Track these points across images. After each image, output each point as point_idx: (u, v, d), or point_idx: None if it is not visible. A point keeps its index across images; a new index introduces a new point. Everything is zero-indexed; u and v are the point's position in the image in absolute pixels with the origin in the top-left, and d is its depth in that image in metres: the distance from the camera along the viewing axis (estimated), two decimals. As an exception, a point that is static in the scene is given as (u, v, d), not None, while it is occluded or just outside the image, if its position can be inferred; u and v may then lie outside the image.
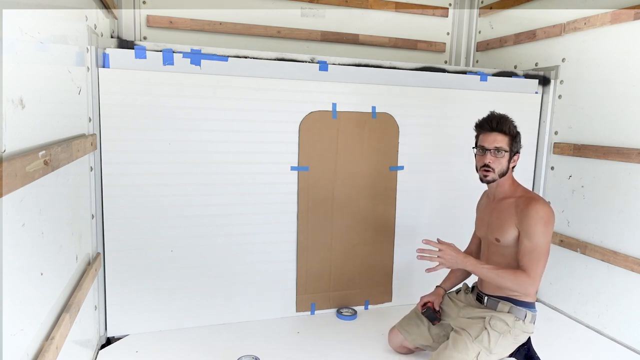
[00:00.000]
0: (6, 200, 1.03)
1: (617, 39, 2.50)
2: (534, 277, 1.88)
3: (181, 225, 2.38)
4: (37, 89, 1.30)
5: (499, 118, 1.99)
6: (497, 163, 1.98)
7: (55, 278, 1.51)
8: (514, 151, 2.01)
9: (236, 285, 2.53)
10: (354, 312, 2.72)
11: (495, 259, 2.06)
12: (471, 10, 3.63)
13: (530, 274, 1.87)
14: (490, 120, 2.00)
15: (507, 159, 1.99)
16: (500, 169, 1.98)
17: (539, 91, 2.98)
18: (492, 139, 1.97)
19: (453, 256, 1.92)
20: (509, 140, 1.98)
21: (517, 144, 2.02)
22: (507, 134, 1.97)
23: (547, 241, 1.91)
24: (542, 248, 1.89)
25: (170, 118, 2.28)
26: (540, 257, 1.89)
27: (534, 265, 1.88)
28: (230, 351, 2.21)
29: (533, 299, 2.03)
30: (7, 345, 1.06)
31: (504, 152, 1.97)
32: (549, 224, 1.91)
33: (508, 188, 2.05)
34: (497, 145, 1.97)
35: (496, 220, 2.05)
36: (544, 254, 1.90)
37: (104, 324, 2.32)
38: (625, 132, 2.46)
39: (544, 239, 1.89)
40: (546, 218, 1.91)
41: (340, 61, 2.58)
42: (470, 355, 1.91)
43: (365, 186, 2.69)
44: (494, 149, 1.97)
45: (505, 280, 1.91)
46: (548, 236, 1.91)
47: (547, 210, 1.92)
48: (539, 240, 1.89)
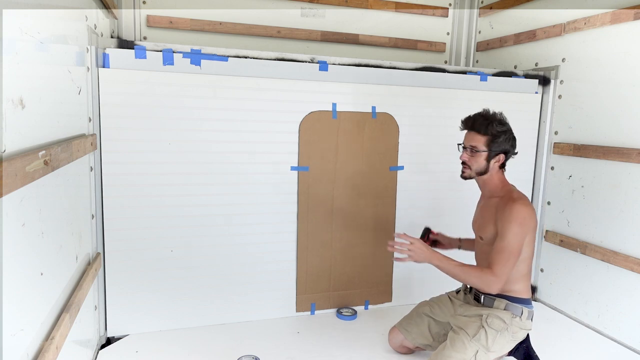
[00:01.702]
0: (6, 200, 1.03)
1: (617, 39, 2.50)
2: (499, 275, 1.88)
3: (181, 225, 2.38)
4: (37, 88, 1.31)
5: (478, 118, 2.02)
6: (472, 161, 2.02)
7: (55, 278, 1.51)
8: (495, 151, 1.99)
9: (236, 285, 2.53)
10: (354, 312, 2.72)
11: (479, 257, 2.12)
12: (471, 10, 3.63)
13: (496, 272, 1.88)
14: (469, 119, 2.05)
15: (485, 158, 2.00)
16: (477, 167, 2.01)
17: (539, 91, 2.98)
18: (470, 138, 2.03)
19: (422, 250, 1.95)
20: (487, 140, 1.98)
21: (501, 144, 1.99)
22: (484, 134, 1.98)
23: (519, 241, 1.91)
24: (512, 248, 1.89)
25: (170, 118, 2.28)
26: (509, 257, 1.89)
27: (502, 264, 1.88)
28: (230, 351, 2.22)
29: (527, 295, 2.04)
30: (7, 345, 1.06)
31: (480, 151, 1.99)
32: (524, 225, 1.91)
33: (495, 187, 2.07)
34: (472, 144, 2.01)
35: (481, 218, 2.11)
36: (514, 254, 1.90)
37: (104, 324, 2.32)
38: (625, 132, 2.46)
39: (515, 239, 1.89)
40: (521, 219, 1.91)
41: (340, 61, 2.58)
42: (468, 354, 1.91)
43: (365, 186, 2.69)
44: (469, 147, 2.02)
45: (471, 276, 1.92)
46: (521, 236, 1.91)
47: (525, 211, 1.92)
48: (510, 240, 1.89)
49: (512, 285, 2.01)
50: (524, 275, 2.03)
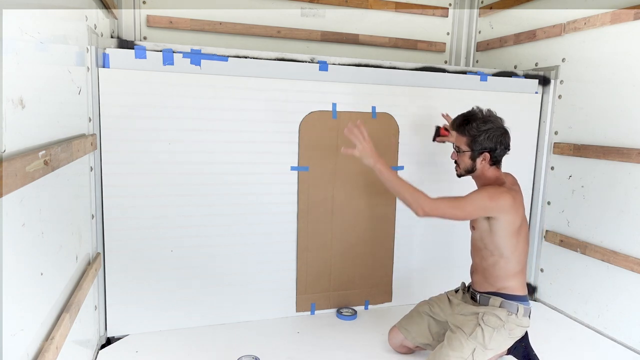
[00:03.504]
0: (6, 200, 1.03)
1: (617, 39, 2.50)
2: (433, 204, 1.90)
3: (181, 225, 2.38)
4: (37, 89, 1.31)
5: (458, 118, 2.10)
6: (460, 160, 2.10)
7: (55, 278, 1.51)
8: (478, 150, 2.02)
9: (236, 285, 2.53)
10: (354, 312, 2.72)
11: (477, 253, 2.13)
12: (471, 10, 3.63)
13: (433, 201, 1.90)
14: (454, 119, 2.13)
15: (469, 157, 2.05)
16: (464, 166, 2.08)
17: (539, 91, 2.98)
18: (455, 138, 2.10)
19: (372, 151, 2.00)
20: (468, 140, 2.03)
21: (482, 142, 2.01)
22: (464, 135, 2.04)
23: (476, 205, 1.94)
24: (465, 201, 1.92)
25: (170, 118, 2.29)
26: (455, 202, 1.92)
27: (445, 201, 1.92)
28: (230, 351, 2.22)
29: (523, 292, 2.05)
30: (7, 345, 1.06)
31: (463, 151, 2.05)
32: (492, 199, 1.93)
33: (488, 183, 2.08)
34: (456, 144, 2.10)
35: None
36: (460, 207, 1.93)
37: (104, 324, 2.32)
38: (625, 132, 2.46)
39: (474, 199, 1.93)
40: (492, 193, 1.94)
41: (340, 61, 2.58)
42: (465, 353, 1.92)
43: (365, 186, 2.69)
44: (455, 147, 2.11)
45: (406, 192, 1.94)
46: (481, 203, 1.93)
47: (499, 190, 1.96)
48: (470, 197, 1.94)
49: (505, 282, 2.02)
50: (517, 272, 2.03)
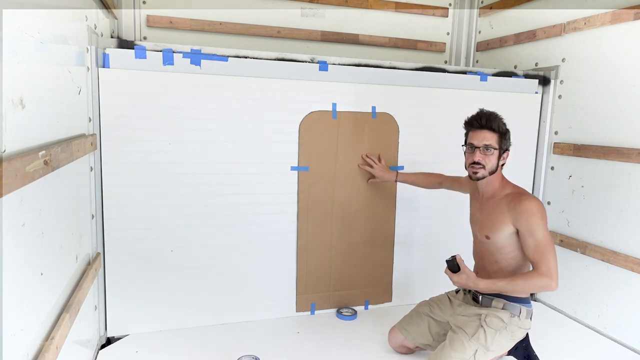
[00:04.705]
0: (6, 200, 1.03)
1: (617, 39, 2.50)
2: (548, 273, 1.86)
3: (181, 225, 2.38)
4: (37, 88, 1.31)
5: (488, 115, 2.00)
6: (487, 160, 1.99)
7: (55, 278, 1.51)
8: (503, 149, 2.02)
9: (236, 285, 2.53)
10: (354, 312, 2.72)
11: (487, 258, 2.10)
12: (471, 10, 3.63)
13: (542, 270, 1.86)
14: (479, 117, 2.01)
15: (497, 156, 2.00)
16: (491, 166, 2.00)
17: (539, 91, 2.98)
18: (482, 137, 1.99)
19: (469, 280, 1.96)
20: (498, 137, 1.99)
21: (507, 141, 2.02)
22: (497, 132, 1.98)
23: (548, 232, 1.93)
24: (547, 241, 1.90)
25: (170, 118, 2.28)
26: (547, 250, 1.88)
27: (545, 260, 1.87)
28: (230, 351, 2.22)
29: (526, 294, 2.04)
30: (7, 345, 1.06)
31: (493, 149, 1.98)
32: (544, 216, 1.94)
33: (497, 185, 2.08)
34: (486, 142, 1.98)
35: (487, 217, 2.07)
36: (550, 246, 1.90)
37: (104, 324, 2.32)
38: (625, 132, 2.46)
39: (544, 232, 1.91)
40: (541, 212, 1.94)
41: (340, 61, 2.58)
42: (467, 354, 1.91)
43: (365, 186, 2.69)
44: (483, 146, 1.98)
45: (524, 287, 1.92)
46: (546, 227, 1.94)
47: (540, 204, 1.97)
48: (541, 235, 1.90)
49: None
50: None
